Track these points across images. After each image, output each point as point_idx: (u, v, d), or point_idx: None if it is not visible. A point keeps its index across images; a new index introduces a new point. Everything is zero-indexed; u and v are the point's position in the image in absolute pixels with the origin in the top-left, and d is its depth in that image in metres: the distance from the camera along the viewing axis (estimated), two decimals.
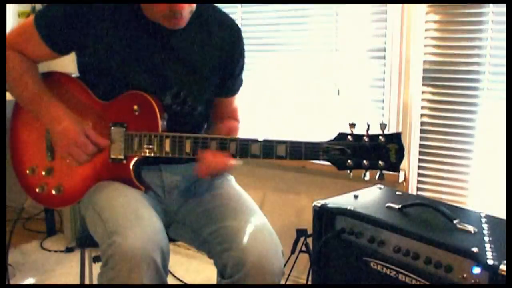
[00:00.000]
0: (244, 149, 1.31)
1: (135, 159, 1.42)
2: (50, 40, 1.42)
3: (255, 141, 1.31)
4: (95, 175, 1.46)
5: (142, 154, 1.41)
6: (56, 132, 1.43)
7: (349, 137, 1.23)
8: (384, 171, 1.24)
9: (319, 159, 1.25)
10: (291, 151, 1.27)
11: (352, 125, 1.24)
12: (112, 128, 1.43)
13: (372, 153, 1.22)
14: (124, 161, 1.42)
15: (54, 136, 1.44)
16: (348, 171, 1.26)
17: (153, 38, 1.41)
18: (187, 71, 1.46)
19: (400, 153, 1.21)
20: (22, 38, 1.45)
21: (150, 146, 1.39)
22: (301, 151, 1.27)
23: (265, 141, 1.30)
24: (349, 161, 1.23)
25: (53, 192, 1.51)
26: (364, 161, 1.22)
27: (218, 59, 1.49)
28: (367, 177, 1.26)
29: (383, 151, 1.21)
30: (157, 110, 1.40)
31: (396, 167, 1.23)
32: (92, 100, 1.47)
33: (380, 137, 1.21)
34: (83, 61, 1.46)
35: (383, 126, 1.23)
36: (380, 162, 1.22)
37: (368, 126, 1.23)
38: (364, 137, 1.22)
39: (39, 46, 1.43)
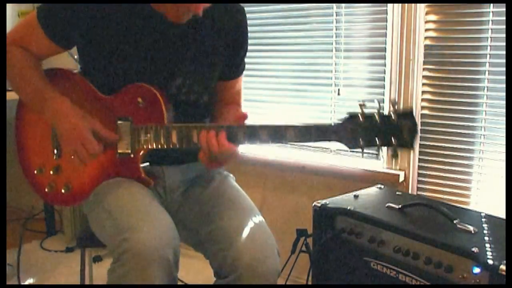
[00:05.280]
0: (253, 134, 1.29)
1: (142, 152, 1.41)
2: (54, 34, 1.40)
3: (264, 126, 1.28)
4: (102, 171, 1.45)
5: (150, 147, 1.39)
6: (62, 129, 1.40)
7: (360, 116, 1.19)
8: (398, 148, 1.18)
9: (329, 140, 1.22)
10: (301, 134, 1.25)
11: (363, 105, 1.20)
12: (118, 122, 1.41)
13: (384, 131, 1.17)
14: (132, 155, 1.41)
15: (60, 132, 1.41)
16: (360, 151, 1.22)
17: (157, 29, 1.39)
18: (192, 60, 1.44)
19: (413, 130, 1.16)
20: (25, 34, 1.43)
21: (157, 138, 1.37)
22: (311, 132, 1.24)
23: (274, 126, 1.27)
24: (360, 140, 1.19)
25: (62, 190, 1.49)
26: (376, 139, 1.18)
27: (224, 44, 1.47)
28: (381, 158, 1.21)
29: (395, 130, 1.16)
30: (161, 101, 1.38)
31: (410, 144, 1.18)
32: (96, 96, 1.45)
33: (392, 115, 1.17)
34: (86, 54, 1.45)
35: (394, 102, 1.18)
36: (393, 138, 1.17)
37: (379, 104, 1.19)
38: (375, 116, 1.18)
39: (43, 41, 1.41)
